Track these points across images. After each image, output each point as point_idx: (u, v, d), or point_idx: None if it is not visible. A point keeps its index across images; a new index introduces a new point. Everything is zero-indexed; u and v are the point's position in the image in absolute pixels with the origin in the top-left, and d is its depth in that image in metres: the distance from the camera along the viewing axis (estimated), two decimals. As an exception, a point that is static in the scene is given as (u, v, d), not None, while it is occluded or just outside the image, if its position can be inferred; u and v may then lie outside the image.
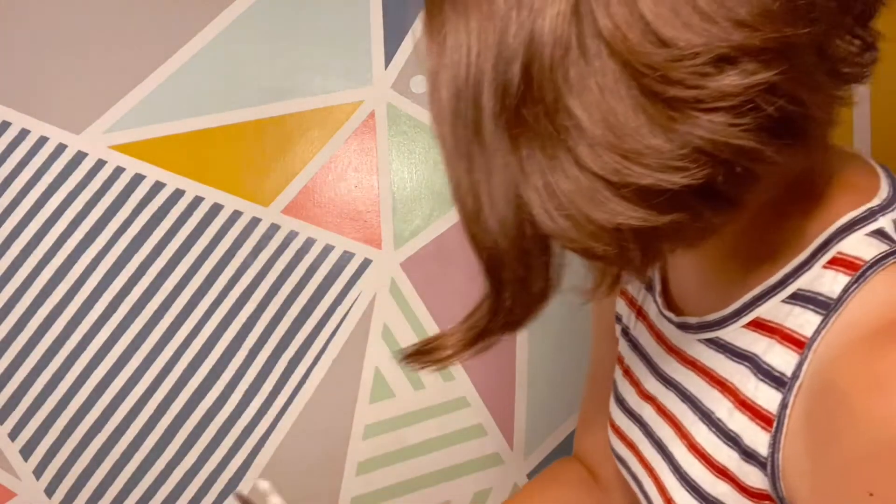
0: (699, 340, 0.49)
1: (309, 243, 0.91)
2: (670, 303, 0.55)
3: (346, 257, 0.92)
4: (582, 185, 0.35)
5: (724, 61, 0.33)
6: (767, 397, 0.41)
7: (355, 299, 0.92)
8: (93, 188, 0.88)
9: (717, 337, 0.47)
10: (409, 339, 0.93)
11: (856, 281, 0.38)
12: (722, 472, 0.44)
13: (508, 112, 0.36)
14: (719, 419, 0.45)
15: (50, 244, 0.87)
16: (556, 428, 0.96)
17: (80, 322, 0.88)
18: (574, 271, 0.41)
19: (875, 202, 0.42)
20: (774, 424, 0.40)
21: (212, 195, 0.90)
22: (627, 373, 0.60)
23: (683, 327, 0.52)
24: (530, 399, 0.96)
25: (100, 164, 0.88)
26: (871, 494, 0.34)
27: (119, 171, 0.88)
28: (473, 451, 0.95)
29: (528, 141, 0.36)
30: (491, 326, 0.42)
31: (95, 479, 0.89)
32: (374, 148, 0.92)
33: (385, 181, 0.92)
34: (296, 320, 0.91)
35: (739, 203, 0.37)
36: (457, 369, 0.94)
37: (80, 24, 0.87)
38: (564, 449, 0.96)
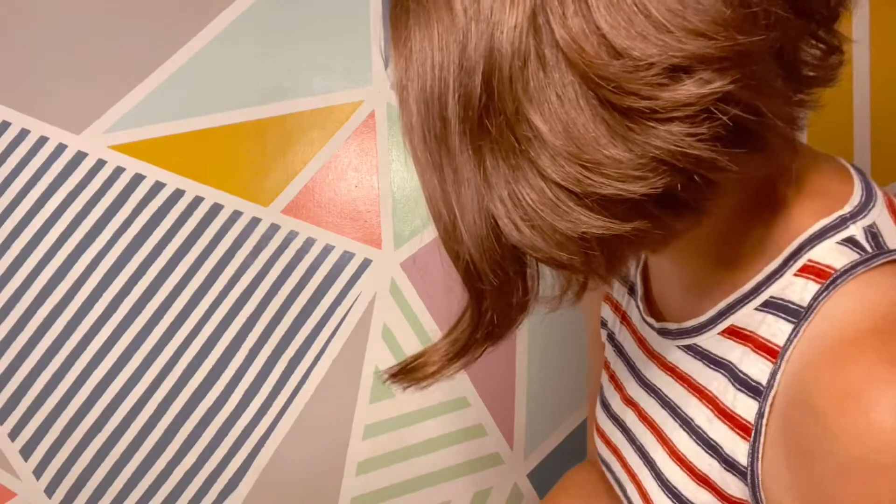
0: (678, 347, 0.49)
1: (309, 243, 0.91)
2: (652, 308, 0.55)
3: (346, 257, 0.92)
4: (545, 195, 0.36)
5: (678, 71, 0.33)
6: (745, 406, 0.41)
7: (355, 299, 0.92)
8: (93, 188, 0.88)
9: (694, 344, 0.47)
10: (409, 339, 0.93)
11: (825, 289, 0.38)
12: (703, 481, 0.44)
13: (472, 123, 0.36)
14: (699, 427, 0.45)
15: (50, 244, 0.87)
16: (556, 428, 0.96)
17: (80, 322, 0.88)
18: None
19: (846, 209, 0.42)
20: (752, 434, 0.40)
21: (212, 195, 0.90)
22: (613, 378, 0.60)
23: (663, 333, 0.52)
24: (530, 399, 0.96)
25: (100, 164, 0.88)
26: None
27: (119, 171, 0.88)
28: (473, 451, 0.95)
29: (492, 152, 0.36)
30: (473, 339, 0.43)
31: (95, 479, 0.89)
32: (374, 148, 0.92)
33: (385, 181, 0.92)
34: (296, 320, 0.91)
35: (701, 210, 0.37)
36: (457, 369, 0.94)
37: (80, 24, 0.87)
38: (564, 449, 0.96)
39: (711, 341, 0.46)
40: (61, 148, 0.87)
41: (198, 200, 0.90)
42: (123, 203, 0.88)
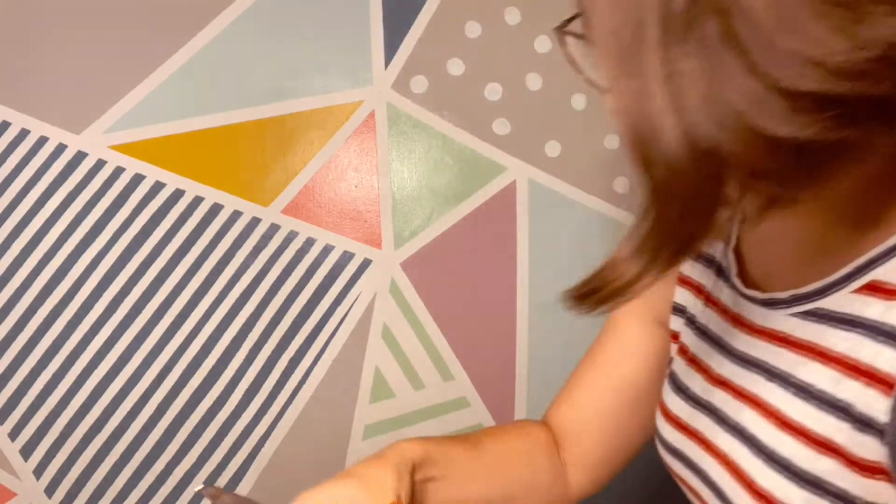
0: (792, 315, 0.47)
1: (309, 243, 0.91)
2: (748, 283, 0.53)
3: (346, 257, 0.92)
4: (754, 93, 0.33)
5: None
6: (890, 360, 0.38)
7: (355, 299, 0.92)
8: (93, 188, 0.88)
9: (816, 308, 0.45)
10: (409, 339, 0.93)
11: None
12: (824, 446, 0.42)
13: (676, 18, 0.34)
14: (821, 391, 0.43)
15: (50, 244, 0.87)
16: (556, 428, 0.96)
17: (80, 322, 0.88)
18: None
19: None
20: None
21: (212, 195, 0.90)
22: (693, 361, 0.57)
23: (770, 304, 0.49)
24: (530, 399, 0.96)
25: (100, 164, 0.88)
26: None
27: (119, 171, 0.88)
28: (473, 451, 0.95)
29: (697, 49, 0.33)
30: (660, 247, 0.39)
31: (95, 479, 0.89)
32: (374, 148, 0.92)
33: (385, 181, 0.92)
34: (296, 320, 0.91)
35: None
36: (457, 369, 0.94)
37: (80, 24, 0.87)
38: (564, 449, 0.96)
39: (841, 301, 0.43)
40: (61, 148, 0.87)
41: (198, 200, 0.90)
42: (123, 203, 0.88)
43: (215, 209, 0.90)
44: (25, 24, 0.87)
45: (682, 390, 0.58)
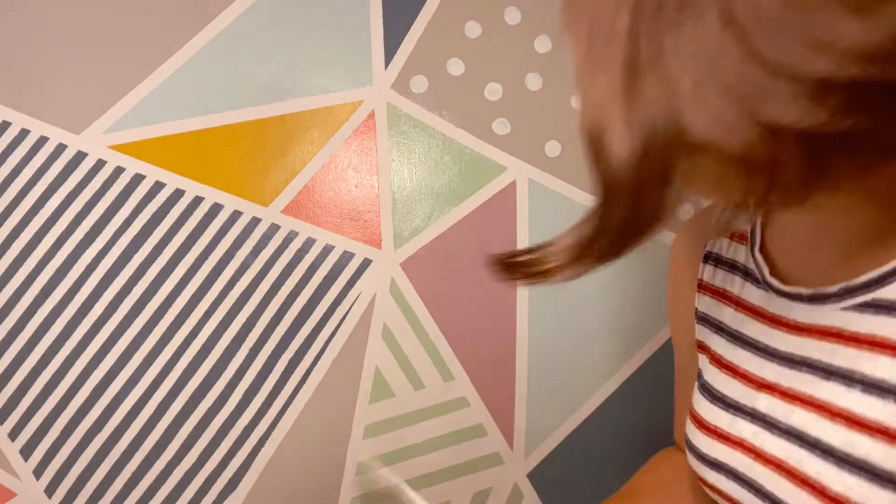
0: (843, 308, 0.44)
1: (309, 243, 0.91)
2: (787, 281, 0.51)
3: (346, 257, 0.92)
4: (754, 77, 0.30)
5: None
6: None
7: (355, 299, 0.92)
8: (93, 188, 0.88)
9: (873, 299, 0.42)
10: (409, 339, 0.93)
11: None
12: None
13: (665, 5, 0.31)
14: (892, 383, 0.40)
15: (50, 244, 0.87)
16: (556, 428, 0.96)
17: (80, 322, 0.88)
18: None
19: None
20: None
21: (212, 195, 0.90)
22: (729, 368, 0.55)
23: (817, 299, 0.47)
24: (530, 399, 0.96)
25: (100, 164, 0.88)
26: None
27: (119, 171, 0.88)
28: (473, 451, 0.95)
29: (689, 37, 0.31)
30: (595, 246, 0.37)
31: (95, 479, 0.89)
32: (374, 148, 0.92)
33: (385, 181, 0.92)
34: (296, 320, 0.91)
35: None
36: (457, 369, 0.94)
37: (80, 24, 0.87)
38: (564, 449, 0.96)
39: None
40: (61, 148, 0.87)
41: (198, 200, 0.90)
42: (123, 203, 0.88)
43: (215, 209, 0.90)
44: (25, 24, 0.87)
45: (719, 399, 0.55)
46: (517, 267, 0.42)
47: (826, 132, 0.30)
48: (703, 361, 0.59)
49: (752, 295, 0.55)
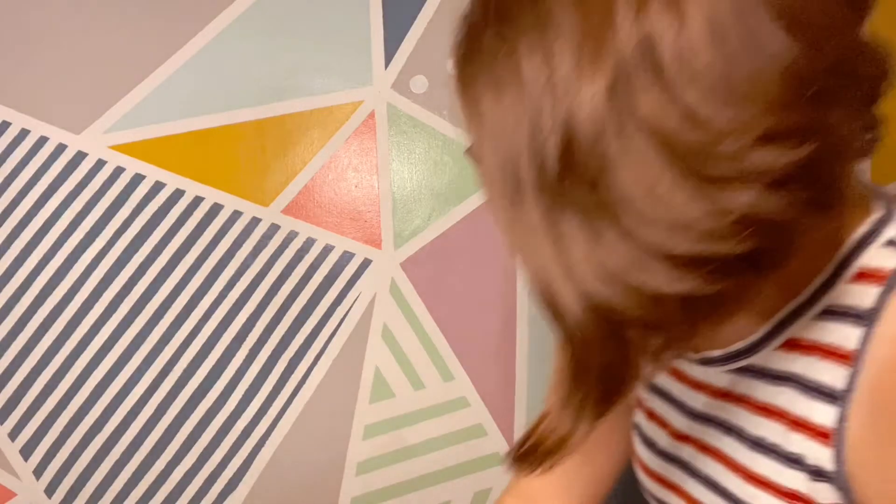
0: (727, 371, 0.50)
1: (309, 243, 0.91)
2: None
3: (346, 257, 0.92)
4: (629, 256, 0.35)
5: (762, 139, 0.33)
6: (823, 413, 0.42)
7: (355, 299, 0.92)
8: (93, 188, 0.88)
9: (749, 364, 0.48)
10: (409, 339, 0.93)
11: (887, 291, 0.40)
12: (792, 497, 0.44)
13: (548, 188, 0.36)
14: (774, 444, 0.45)
15: (50, 244, 0.87)
16: (556, 428, 0.96)
17: (80, 322, 0.88)
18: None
19: (875, 214, 0.44)
20: (835, 438, 0.41)
21: (212, 195, 0.90)
22: (652, 415, 0.60)
23: (706, 362, 0.51)
24: (530, 399, 0.96)
25: (100, 164, 0.88)
26: None
27: (119, 171, 0.88)
28: (473, 451, 0.95)
29: (571, 215, 0.36)
30: (583, 401, 0.40)
31: (95, 479, 0.89)
32: (374, 148, 0.92)
33: (385, 181, 0.92)
34: (296, 320, 0.91)
35: (782, 265, 0.37)
36: (457, 369, 0.94)
37: (79, 24, 0.87)
38: (564, 449, 0.96)
39: (769, 357, 0.46)
40: (61, 148, 0.87)
41: (198, 200, 0.90)
42: (123, 203, 0.88)
43: (215, 209, 0.90)
44: (25, 24, 0.87)
45: (650, 444, 0.59)
46: (534, 454, 0.44)
47: (702, 294, 0.35)
48: (639, 414, 0.63)
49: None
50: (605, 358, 0.38)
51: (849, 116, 0.37)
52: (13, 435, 0.88)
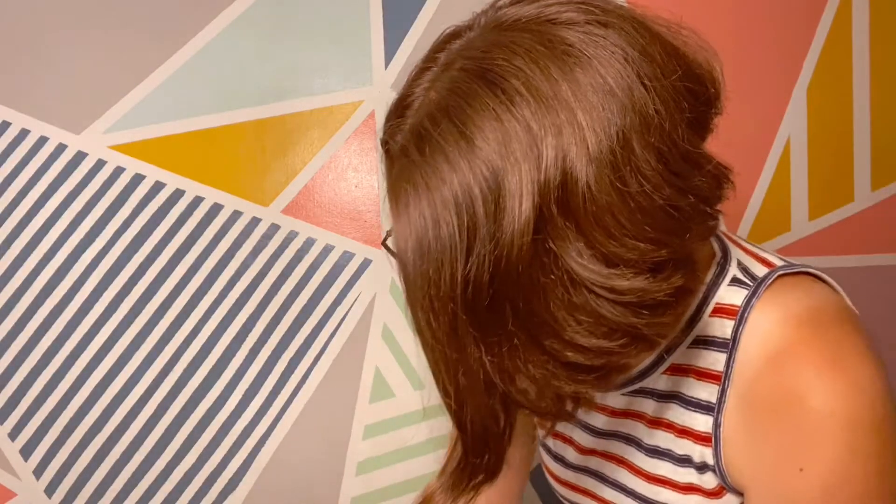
0: (624, 394, 0.59)
1: (309, 243, 0.91)
2: None
3: (346, 257, 0.92)
4: (549, 369, 0.43)
5: (650, 271, 0.42)
6: (702, 421, 0.52)
7: (355, 299, 0.92)
8: (93, 188, 0.88)
9: (641, 387, 0.57)
10: (409, 339, 0.93)
11: (739, 323, 0.51)
12: (688, 488, 0.54)
13: (477, 312, 0.41)
14: (667, 449, 0.55)
15: (50, 244, 0.87)
16: (556, 428, 0.96)
17: (80, 322, 0.88)
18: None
19: (718, 257, 0.54)
20: (713, 440, 0.52)
21: (212, 195, 0.90)
22: (558, 435, 0.67)
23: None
24: (530, 399, 0.96)
25: (100, 164, 0.88)
26: (801, 470, 0.46)
27: (119, 171, 0.88)
28: (473, 451, 0.95)
29: (498, 336, 0.42)
30: (466, 473, 0.48)
31: (95, 479, 0.89)
32: (374, 148, 0.92)
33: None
34: (296, 320, 0.91)
35: (658, 342, 0.46)
36: (457, 369, 0.94)
37: (80, 24, 0.87)
38: (564, 449, 0.96)
39: (657, 380, 0.56)
40: (61, 148, 0.87)
41: (198, 200, 0.90)
42: (123, 203, 0.88)
43: (215, 209, 0.90)
44: (26, 24, 0.87)
45: (559, 459, 0.67)
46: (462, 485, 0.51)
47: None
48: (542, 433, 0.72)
49: None
50: (486, 437, 0.46)
51: (702, 227, 0.46)
52: (13, 435, 0.88)
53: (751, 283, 0.52)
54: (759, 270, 0.53)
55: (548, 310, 0.41)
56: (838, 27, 0.96)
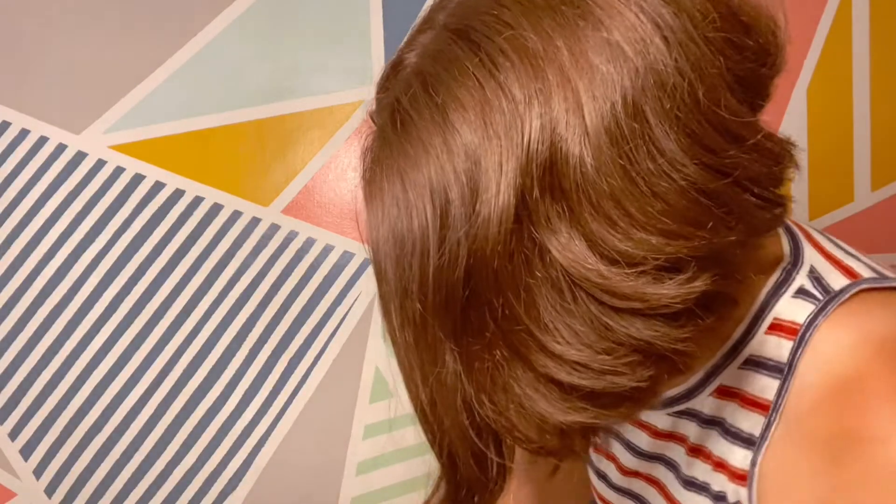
0: (669, 414, 0.52)
1: (309, 243, 0.91)
2: None
3: (347, 257, 0.92)
4: (534, 387, 0.36)
5: (663, 271, 0.34)
6: (740, 457, 0.45)
7: (355, 299, 0.92)
8: (93, 188, 0.88)
9: (687, 408, 0.50)
10: (409, 339, 0.93)
11: (798, 346, 0.42)
12: None
13: (453, 318, 0.36)
14: (705, 483, 0.48)
15: (50, 244, 0.87)
16: (556, 428, 0.96)
17: (80, 322, 0.88)
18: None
19: (786, 260, 0.45)
20: (748, 479, 0.44)
21: (212, 195, 0.90)
22: (599, 449, 0.62)
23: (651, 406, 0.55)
24: (530, 399, 0.96)
25: (100, 164, 0.88)
26: None
27: (119, 171, 0.88)
28: (473, 451, 0.95)
29: (477, 345, 0.36)
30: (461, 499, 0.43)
31: (95, 479, 0.89)
32: (374, 148, 0.92)
33: (385, 181, 0.92)
34: (296, 320, 0.91)
35: (682, 373, 0.39)
36: (457, 369, 0.94)
37: (80, 24, 0.87)
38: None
39: (704, 402, 0.49)
40: (61, 148, 0.87)
41: (198, 200, 0.90)
42: (123, 203, 0.88)
43: (215, 209, 0.90)
44: (26, 24, 0.87)
45: (602, 476, 0.62)
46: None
47: (599, 423, 0.37)
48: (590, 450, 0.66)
49: None
50: (473, 472, 0.41)
51: (748, 218, 0.37)
52: (13, 435, 0.88)
53: (820, 297, 0.42)
54: (837, 281, 0.43)
55: (533, 316, 0.35)
56: (838, 27, 0.96)
